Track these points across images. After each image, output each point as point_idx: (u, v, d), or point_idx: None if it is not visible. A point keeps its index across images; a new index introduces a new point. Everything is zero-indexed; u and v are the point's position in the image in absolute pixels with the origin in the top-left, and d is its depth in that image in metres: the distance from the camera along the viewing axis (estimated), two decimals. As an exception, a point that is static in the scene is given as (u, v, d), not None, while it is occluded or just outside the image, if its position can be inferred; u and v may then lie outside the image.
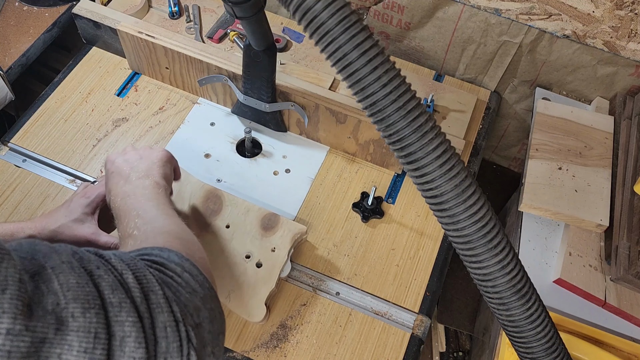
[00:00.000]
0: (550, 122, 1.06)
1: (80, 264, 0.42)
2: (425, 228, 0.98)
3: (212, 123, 1.07)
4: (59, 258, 0.41)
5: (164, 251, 0.52)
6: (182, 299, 0.46)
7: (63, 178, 0.98)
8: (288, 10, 0.53)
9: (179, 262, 0.51)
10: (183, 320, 0.44)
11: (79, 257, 0.43)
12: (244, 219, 0.90)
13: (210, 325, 0.48)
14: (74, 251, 0.44)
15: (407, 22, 1.16)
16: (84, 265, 0.42)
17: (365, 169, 1.04)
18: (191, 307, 0.47)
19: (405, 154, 0.55)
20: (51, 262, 0.40)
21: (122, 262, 0.45)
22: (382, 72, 0.52)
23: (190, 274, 0.50)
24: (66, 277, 0.39)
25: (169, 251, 0.52)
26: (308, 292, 0.90)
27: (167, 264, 0.50)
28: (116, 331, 0.39)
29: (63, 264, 0.40)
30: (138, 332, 0.40)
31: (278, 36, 1.17)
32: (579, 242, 0.96)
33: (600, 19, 0.98)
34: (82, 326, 0.38)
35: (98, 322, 0.39)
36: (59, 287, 0.38)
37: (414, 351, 0.87)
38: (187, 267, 0.51)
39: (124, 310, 0.40)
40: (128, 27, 1.01)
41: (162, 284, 0.45)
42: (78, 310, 0.38)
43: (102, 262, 0.44)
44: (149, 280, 0.45)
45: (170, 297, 0.45)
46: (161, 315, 0.43)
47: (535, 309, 0.58)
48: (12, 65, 1.09)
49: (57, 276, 0.39)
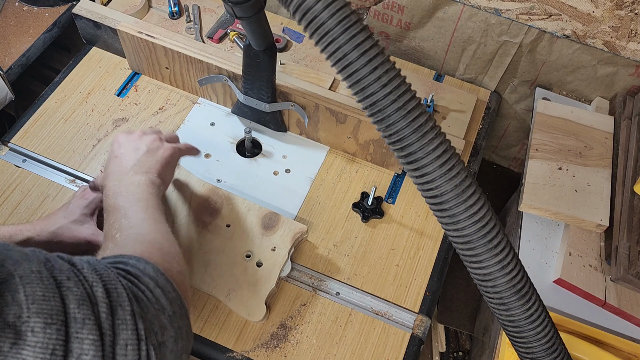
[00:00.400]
0: (550, 122, 1.06)
1: (50, 274, 0.41)
2: (425, 228, 0.98)
3: (212, 123, 1.07)
4: (29, 266, 0.41)
5: (141, 262, 0.52)
6: (149, 316, 0.46)
7: (63, 178, 0.98)
8: (288, 10, 0.53)
9: (153, 275, 0.51)
10: (146, 339, 0.44)
11: (51, 266, 0.43)
12: (245, 218, 0.90)
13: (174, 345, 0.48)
14: (47, 259, 0.43)
15: (407, 22, 1.16)
16: (54, 274, 0.42)
17: (365, 169, 1.04)
18: (157, 325, 0.47)
19: (405, 154, 0.55)
20: (21, 270, 0.40)
21: (95, 272, 0.45)
22: (382, 72, 0.52)
23: (163, 289, 0.50)
24: (33, 288, 0.39)
25: (146, 263, 0.52)
26: (308, 292, 0.90)
27: (140, 277, 0.50)
28: (74, 348, 0.39)
29: (32, 273, 0.40)
30: (96, 351, 0.40)
31: (278, 36, 1.17)
32: (579, 242, 0.96)
33: (600, 19, 0.98)
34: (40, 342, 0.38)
35: (58, 338, 0.39)
36: (24, 298, 0.38)
37: (414, 351, 0.87)
38: (161, 282, 0.51)
39: (86, 327, 0.40)
40: (128, 27, 1.01)
41: (131, 299, 0.45)
42: (39, 325, 0.38)
43: (74, 272, 0.43)
44: (119, 293, 0.45)
45: (138, 313, 0.45)
46: (124, 333, 0.43)
47: (535, 309, 0.58)
48: (12, 65, 1.09)
49: (24, 286, 0.39)
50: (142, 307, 0.46)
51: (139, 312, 0.45)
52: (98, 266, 0.46)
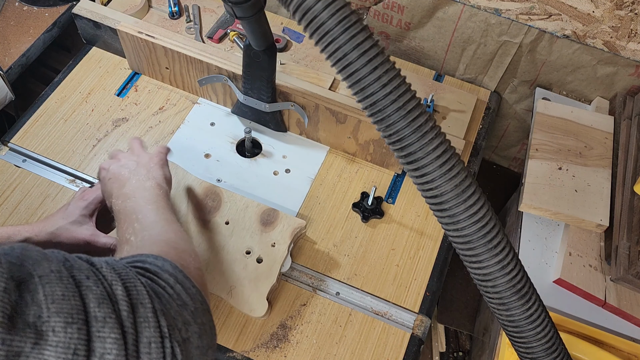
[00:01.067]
0: (550, 122, 1.06)
1: (69, 273, 0.41)
2: (425, 228, 0.98)
3: (212, 123, 1.07)
4: (48, 266, 0.40)
5: (159, 259, 0.52)
6: (172, 312, 0.46)
7: (63, 178, 0.98)
8: (288, 10, 0.53)
9: (173, 272, 0.51)
10: (170, 336, 0.44)
11: (70, 265, 0.42)
12: (243, 215, 0.90)
13: (199, 340, 0.48)
14: (66, 258, 0.43)
15: (407, 22, 1.16)
16: (73, 274, 0.41)
17: (365, 169, 1.04)
18: (180, 321, 0.46)
19: (405, 154, 0.55)
20: (40, 270, 0.40)
21: (114, 271, 0.44)
22: (382, 72, 0.52)
23: (183, 285, 0.50)
24: (52, 287, 0.39)
25: (164, 260, 0.52)
26: (308, 292, 0.90)
27: (160, 273, 0.49)
28: (96, 347, 0.39)
29: (52, 273, 0.40)
30: (119, 350, 0.40)
31: (278, 36, 1.17)
32: (579, 242, 0.96)
33: (600, 19, 0.98)
34: (61, 341, 0.37)
35: (79, 337, 0.38)
36: (43, 298, 0.38)
37: (414, 351, 0.87)
38: (180, 279, 0.51)
39: (107, 325, 0.40)
40: (128, 27, 1.01)
41: (152, 296, 0.45)
42: (60, 324, 0.38)
43: (93, 271, 0.43)
44: (139, 291, 0.44)
45: (159, 310, 0.44)
46: (147, 331, 0.42)
47: (535, 309, 0.58)
48: (12, 65, 1.09)
49: (44, 286, 0.39)
50: (163, 303, 0.46)
51: (161, 308, 0.45)
52: (116, 265, 0.46)
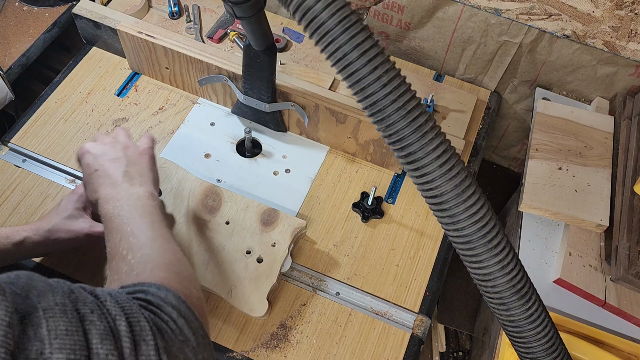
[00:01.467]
0: (550, 122, 1.06)
1: (74, 306, 0.41)
2: (425, 228, 0.98)
3: (212, 123, 1.07)
4: (53, 299, 0.40)
5: (161, 290, 0.51)
6: (174, 349, 0.45)
7: (63, 178, 0.98)
8: (288, 10, 0.53)
9: (176, 304, 0.50)
10: None
11: (75, 298, 0.42)
12: (244, 215, 0.90)
13: None
14: (71, 290, 0.43)
15: (407, 22, 1.16)
16: (77, 307, 0.41)
17: (365, 169, 1.04)
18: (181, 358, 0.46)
19: (405, 154, 0.55)
20: (44, 302, 0.40)
21: (117, 304, 0.44)
22: (382, 72, 0.52)
23: (186, 319, 0.49)
24: (56, 322, 0.39)
25: (167, 291, 0.51)
26: (308, 292, 0.90)
27: (163, 306, 0.49)
28: None
29: (56, 306, 0.40)
30: None
31: (278, 36, 1.17)
32: (579, 242, 0.96)
33: (600, 19, 0.98)
34: None
35: None
36: (46, 333, 0.38)
37: (414, 351, 0.87)
38: (183, 312, 0.50)
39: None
40: (128, 27, 1.01)
41: (155, 333, 0.44)
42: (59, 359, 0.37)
43: (97, 305, 0.43)
44: (142, 327, 0.44)
45: (162, 347, 0.44)
46: None
47: (535, 309, 0.58)
48: (12, 65, 1.09)
49: (47, 320, 0.38)
50: (166, 340, 0.45)
51: (163, 345, 0.44)
52: (120, 298, 0.46)
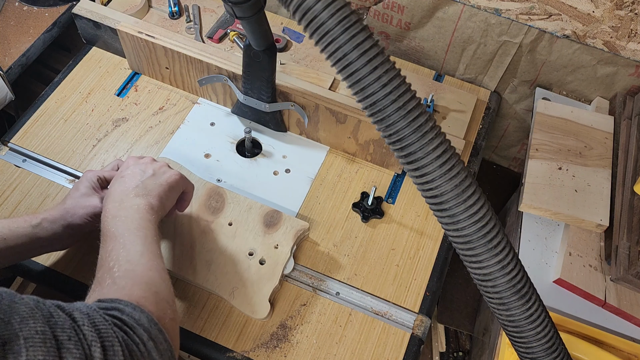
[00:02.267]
0: (550, 122, 1.06)
1: (53, 333, 0.44)
2: (425, 228, 0.98)
3: (212, 123, 1.07)
4: (34, 326, 0.43)
5: (136, 311, 0.54)
6: None
7: (63, 178, 0.98)
8: (288, 10, 0.53)
9: (147, 327, 0.54)
10: None
11: (54, 323, 0.45)
12: (247, 216, 0.90)
13: None
14: (50, 314, 0.46)
15: (407, 22, 1.16)
16: (56, 334, 0.44)
17: (365, 169, 1.04)
18: None
19: (405, 154, 0.55)
20: (25, 330, 0.42)
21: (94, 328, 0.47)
22: (382, 72, 0.52)
23: (155, 341, 0.53)
24: (35, 351, 0.41)
25: (141, 312, 0.55)
26: (308, 292, 0.90)
27: (135, 328, 0.52)
28: None
29: (37, 334, 0.42)
30: None
31: (278, 36, 1.17)
32: (579, 242, 0.96)
33: (600, 19, 0.98)
34: None
35: None
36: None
37: (414, 351, 0.87)
38: (154, 334, 0.54)
39: None
40: (128, 27, 1.01)
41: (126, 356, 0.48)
42: None
43: (75, 330, 0.46)
44: (115, 352, 0.47)
45: None
46: None
47: (535, 309, 0.58)
48: (12, 65, 1.09)
49: (27, 350, 0.41)
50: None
51: None
52: (97, 319, 0.49)
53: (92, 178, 0.82)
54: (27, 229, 0.74)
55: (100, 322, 0.49)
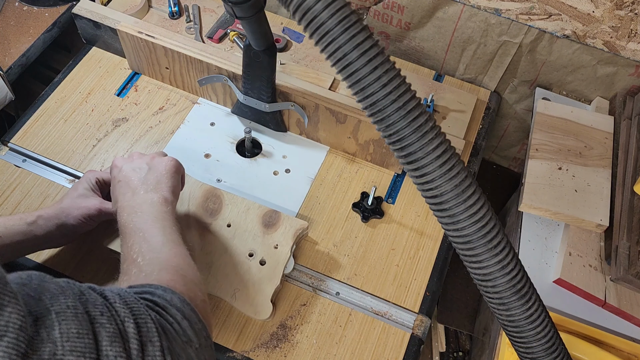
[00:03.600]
0: (550, 122, 1.06)
1: (85, 308, 0.43)
2: (425, 228, 0.98)
3: (212, 123, 1.07)
4: (65, 301, 0.42)
5: (167, 292, 0.53)
6: (177, 349, 0.47)
7: (63, 178, 0.98)
8: (288, 10, 0.53)
9: (180, 306, 0.52)
10: None
11: (85, 300, 0.44)
12: (245, 217, 0.90)
13: None
14: (81, 292, 0.44)
15: (407, 22, 1.16)
16: (88, 309, 0.43)
17: (365, 169, 1.04)
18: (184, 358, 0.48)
19: (405, 154, 0.55)
20: (57, 305, 0.41)
21: (126, 306, 0.46)
22: (382, 72, 0.52)
23: (190, 321, 0.52)
24: (68, 325, 0.40)
25: (172, 293, 0.53)
26: (308, 292, 0.90)
27: (168, 308, 0.51)
28: None
29: (68, 309, 0.41)
30: None
31: (278, 36, 1.17)
32: (579, 242, 0.96)
33: (600, 19, 0.98)
34: None
35: None
36: (59, 336, 0.39)
37: (414, 351, 0.87)
38: (187, 314, 0.52)
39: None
40: (128, 27, 1.01)
41: (160, 334, 0.46)
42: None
43: (107, 306, 0.44)
44: (149, 328, 0.46)
45: (166, 347, 0.46)
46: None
47: (535, 309, 0.58)
48: (12, 65, 1.09)
49: (60, 323, 0.40)
50: (170, 340, 0.47)
51: (168, 346, 0.46)
52: (128, 299, 0.47)
53: (91, 179, 0.82)
54: (23, 226, 0.74)
55: (132, 301, 0.47)
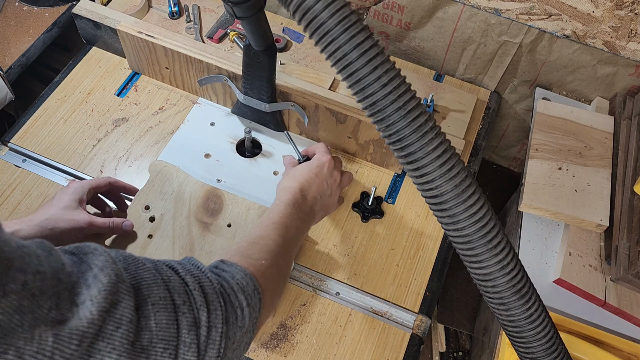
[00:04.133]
0: (550, 122, 1.06)
1: (171, 298, 0.46)
2: (425, 228, 0.98)
3: (212, 123, 1.07)
4: (157, 292, 0.46)
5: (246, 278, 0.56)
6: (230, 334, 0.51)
7: (63, 178, 0.98)
8: (288, 10, 0.53)
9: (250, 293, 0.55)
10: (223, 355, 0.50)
11: (172, 287, 0.47)
12: (245, 217, 0.90)
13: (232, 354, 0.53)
14: (168, 278, 0.48)
15: (407, 22, 1.16)
16: (174, 298, 0.47)
17: (365, 169, 1.04)
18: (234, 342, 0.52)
19: (405, 154, 0.55)
20: (153, 297, 0.45)
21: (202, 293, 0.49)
22: (382, 72, 0.52)
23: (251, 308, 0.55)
24: (160, 315, 0.44)
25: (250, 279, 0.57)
26: (308, 292, 0.90)
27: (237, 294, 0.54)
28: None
29: (160, 300, 0.45)
30: None
31: (278, 36, 1.17)
32: (579, 242, 0.96)
33: (600, 19, 0.98)
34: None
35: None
36: (154, 325, 0.44)
37: (414, 351, 0.87)
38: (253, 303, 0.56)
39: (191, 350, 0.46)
40: (128, 27, 1.01)
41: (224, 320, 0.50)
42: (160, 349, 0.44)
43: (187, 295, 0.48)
44: (217, 315, 0.49)
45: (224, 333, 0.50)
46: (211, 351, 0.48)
47: (535, 309, 0.58)
48: (12, 65, 1.09)
49: (155, 314, 0.44)
50: (229, 327, 0.51)
51: (226, 332, 0.50)
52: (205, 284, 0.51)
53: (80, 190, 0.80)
54: None
55: (208, 286, 0.50)
